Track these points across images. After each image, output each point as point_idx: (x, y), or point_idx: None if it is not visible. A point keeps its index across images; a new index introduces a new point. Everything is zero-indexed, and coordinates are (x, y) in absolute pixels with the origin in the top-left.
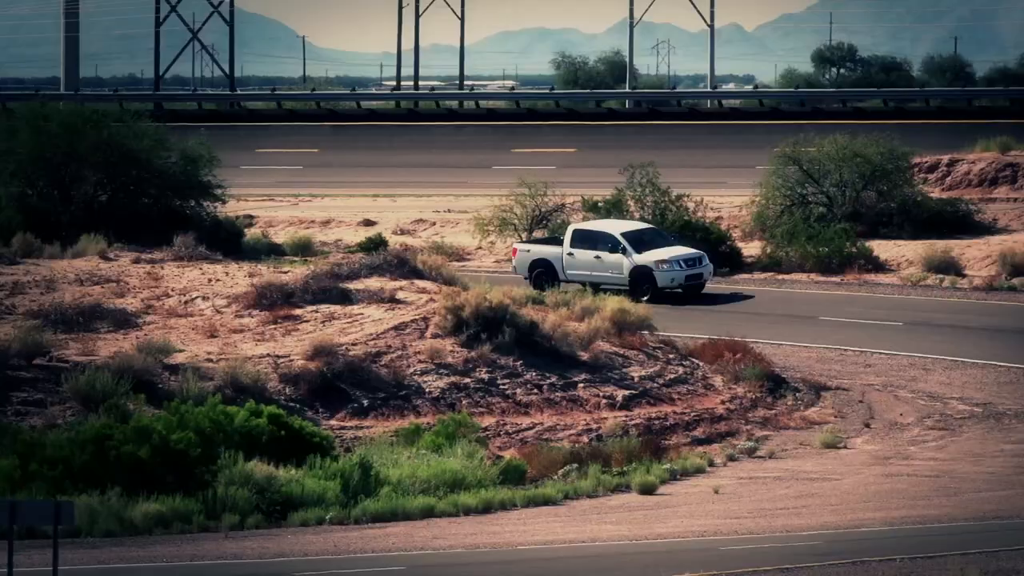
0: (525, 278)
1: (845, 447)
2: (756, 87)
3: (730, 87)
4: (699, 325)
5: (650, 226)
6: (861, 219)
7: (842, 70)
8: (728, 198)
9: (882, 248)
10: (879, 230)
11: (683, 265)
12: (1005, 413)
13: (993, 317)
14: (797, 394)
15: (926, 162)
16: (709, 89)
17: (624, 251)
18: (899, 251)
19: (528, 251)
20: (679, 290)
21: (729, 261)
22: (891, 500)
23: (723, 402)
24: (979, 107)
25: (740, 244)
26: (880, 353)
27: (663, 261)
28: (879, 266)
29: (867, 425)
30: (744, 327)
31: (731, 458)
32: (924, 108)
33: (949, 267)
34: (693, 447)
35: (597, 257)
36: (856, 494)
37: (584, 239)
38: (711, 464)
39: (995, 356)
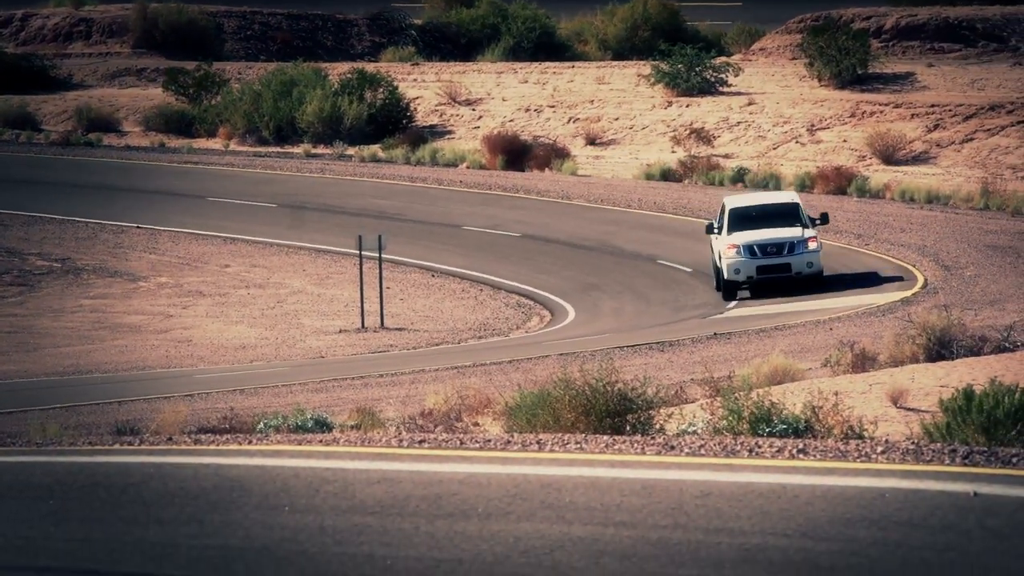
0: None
1: None
2: None
3: None
4: None
5: (792, 201)
6: None
7: None
8: None
9: None
10: None
11: (756, 252)
12: (84, 268)
13: (69, 172)
14: None
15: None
16: None
17: (719, 230)
18: None
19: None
20: (747, 286)
21: None
22: None
23: None
24: None
25: None
26: None
27: (733, 246)
28: None
29: None
30: None
31: None
32: None
33: (26, 122)
34: None
35: (717, 238)
36: None
37: (719, 216)
38: None
39: (75, 213)
